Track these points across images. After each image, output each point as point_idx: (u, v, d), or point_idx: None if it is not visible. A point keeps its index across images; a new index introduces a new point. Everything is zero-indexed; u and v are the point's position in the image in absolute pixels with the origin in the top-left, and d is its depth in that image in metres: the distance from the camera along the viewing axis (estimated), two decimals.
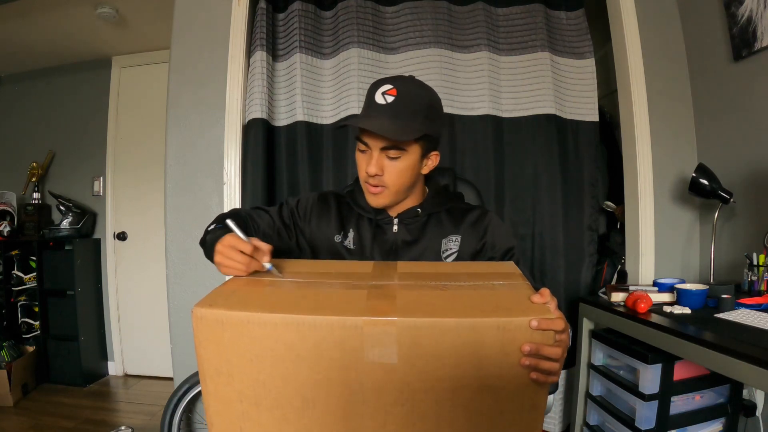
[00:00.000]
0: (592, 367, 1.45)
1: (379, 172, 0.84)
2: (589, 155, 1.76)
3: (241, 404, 0.58)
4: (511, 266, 0.79)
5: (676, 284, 1.33)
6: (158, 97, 2.20)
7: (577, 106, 1.76)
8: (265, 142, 1.62)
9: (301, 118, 1.65)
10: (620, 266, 1.77)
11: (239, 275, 0.71)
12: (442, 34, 1.70)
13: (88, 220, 2.75)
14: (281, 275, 0.72)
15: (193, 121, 1.65)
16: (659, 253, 1.65)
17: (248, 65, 1.67)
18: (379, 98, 0.82)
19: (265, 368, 0.56)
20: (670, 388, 1.19)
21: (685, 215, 1.67)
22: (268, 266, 0.72)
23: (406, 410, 0.56)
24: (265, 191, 1.61)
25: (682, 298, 1.26)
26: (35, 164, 2.82)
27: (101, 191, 2.84)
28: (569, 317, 1.66)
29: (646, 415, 1.19)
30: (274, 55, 1.70)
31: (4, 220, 2.69)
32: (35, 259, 2.62)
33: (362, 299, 0.60)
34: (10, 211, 2.72)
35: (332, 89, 1.71)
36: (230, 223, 0.72)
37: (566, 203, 1.72)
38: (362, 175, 0.88)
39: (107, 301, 2.83)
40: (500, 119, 1.71)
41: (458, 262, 0.91)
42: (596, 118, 1.76)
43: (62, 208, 2.66)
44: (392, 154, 0.84)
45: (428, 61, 1.68)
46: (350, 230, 0.94)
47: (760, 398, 1.34)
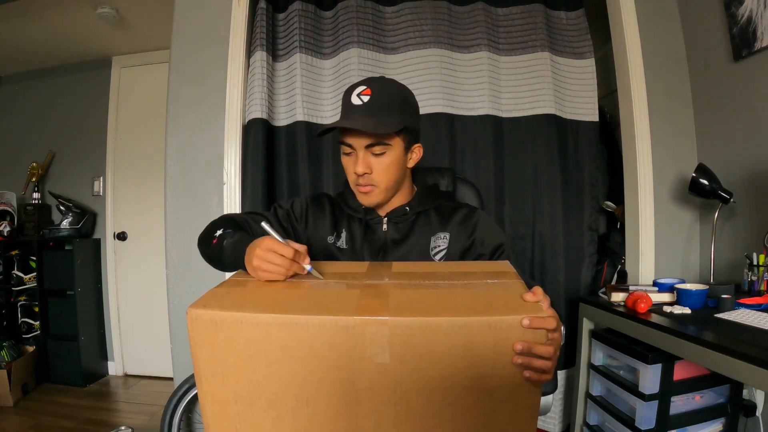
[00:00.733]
0: (592, 367, 1.45)
1: (367, 170, 0.86)
2: (589, 155, 1.76)
3: (236, 404, 0.58)
4: (504, 265, 0.79)
5: (676, 284, 1.33)
6: (158, 97, 2.20)
7: (577, 106, 1.76)
8: (265, 142, 1.62)
9: (301, 118, 1.65)
10: (620, 266, 1.77)
11: (278, 279, 0.70)
12: (442, 34, 1.70)
13: (88, 220, 2.75)
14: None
15: (193, 120, 1.65)
16: (659, 253, 1.65)
17: (248, 65, 1.67)
18: (355, 100, 0.85)
19: (259, 368, 0.56)
20: (670, 388, 1.19)
21: (685, 215, 1.67)
22: (308, 268, 0.71)
23: (399, 409, 0.56)
24: (265, 191, 1.61)
25: (682, 298, 1.26)
26: (35, 164, 2.82)
27: (101, 191, 2.84)
28: (569, 317, 1.67)
29: (646, 415, 1.19)
30: (274, 55, 1.70)
31: (4, 220, 2.69)
32: (35, 259, 2.62)
33: (355, 299, 0.60)
34: (10, 211, 2.72)
35: (332, 89, 1.71)
36: (267, 227, 0.73)
37: (566, 203, 1.72)
38: (351, 177, 0.90)
39: (107, 301, 2.83)
40: (500, 119, 1.71)
41: (452, 261, 0.91)
42: (596, 118, 1.76)
43: (62, 208, 2.66)
44: (377, 150, 0.85)
45: (428, 61, 1.68)
46: (342, 231, 0.96)
47: (760, 398, 1.34)
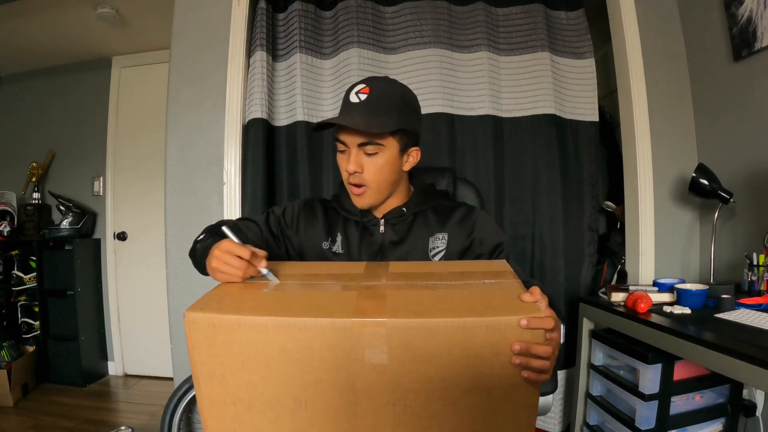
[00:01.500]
0: (592, 367, 1.45)
1: (358, 169, 0.85)
2: (589, 155, 1.76)
3: (234, 407, 0.58)
4: (502, 264, 0.78)
5: (676, 284, 1.32)
6: (158, 97, 2.20)
7: (577, 106, 1.75)
8: (265, 142, 1.62)
9: (301, 118, 1.65)
10: (620, 266, 1.77)
11: (235, 281, 0.71)
12: (442, 34, 1.70)
13: (88, 220, 2.75)
14: (278, 279, 0.72)
15: (193, 120, 1.65)
16: (659, 253, 1.65)
17: (248, 65, 1.67)
18: (353, 98, 0.85)
19: (257, 370, 0.56)
20: (670, 388, 1.19)
21: (685, 215, 1.67)
22: (264, 271, 0.71)
23: (398, 410, 0.56)
24: (265, 191, 1.61)
25: (682, 298, 1.26)
26: (35, 164, 2.82)
27: (101, 191, 2.84)
28: (569, 317, 1.67)
29: (646, 415, 1.19)
30: (274, 55, 1.70)
31: (4, 220, 2.69)
32: (35, 259, 2.62)
33: (353, 300, 0.60)
34: (10, 211, 2.72)
35: (332, 89, 1.71)
36: (226, 230, 0.74)
37: (566, 203, 1.72)
38: (344, 175, 0.89)
39: (107, 301, 2.83)
40: (500, 119, 1.71)
41: (449, 261, 0.91)
42: (596, 118, 1.76)
43: (62, 208, 2.66)
44: (369, 149, 0.84)
45: (428, 61, 1.68)
46: (338, 235, 0.95)
47: (760, 398, 1.34)
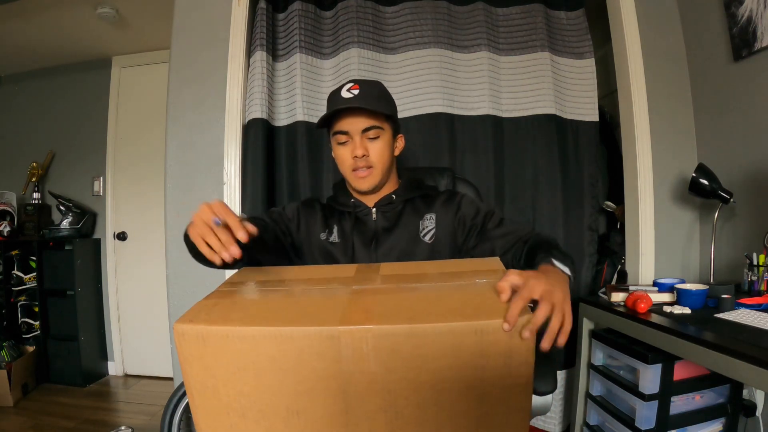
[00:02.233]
0: (592, 367, 1.45)
1: (365, 152, 0.94)
2: (589, 155, 1.76)
3: (228, 417, 0.58)
4: (495, 262, 0.77)
5: (676, 284, 1.32)
6: (158, 97, 2.20)
7: (577, 106, 1.75)
8: (265, 142, 1.62)
9: (301, 118, 1.65)
10: (620, 266, 1.77)
11: (204, 240, 0.68)
12: (442, 34, 1.70)
13: (88, 220, 2.75)
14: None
15: (193, 121, 1.65)
16: (659, 253, 1.65)
17: (248, 65, 1.67)
18: (345, 94, 0.94)
19: (249, 381, 0.56)
20: (670, 388, 1.19)
21: (685, 215, 1.67)
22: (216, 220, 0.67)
23: (389, 417, 0.56)
24: (265, 191, 1.61)
25: (682, 298, 1.26)
26: (35, 164, 2.82)
27: (101, 191, 2.84)
28: None
29: (646, 415, 1.19)
30: (274, 55, 1.70)
31: (4, 220, 2.69)
32: (35, 259, 2.62)
33: (341, 307, 0.59)
34: (10, 211, 2.72)
35: (332, 89, 1.69)
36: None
37: (566, 203, 1.72)
38: (348, 163, 0.97)
39: (107, 301, 2.83)
40: (500, 119, 1.71)
41: (442, 261, 0.92)
42: (596, 118, 1.76)
43: (62, 208, 2.66)
44: (372, 134, 0.95)
45: (428, 61, 1.68)
46: (334, 226, 1.02)
47: (760, 398, 1.34)
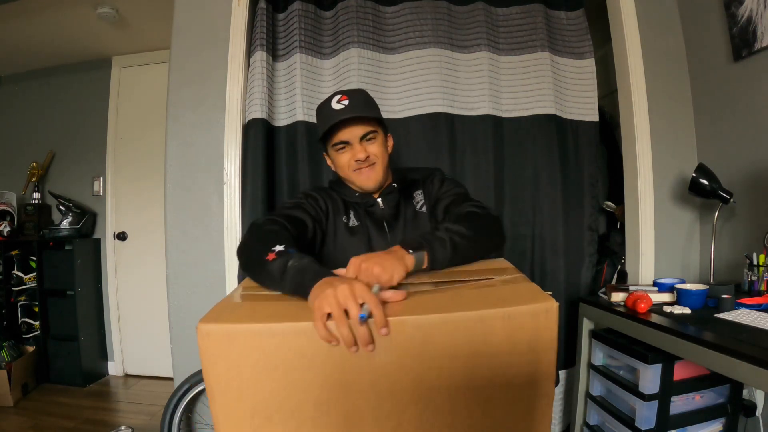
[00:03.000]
0: (592, 367, 1.45)
1: (367, 154, 1.01)
2: (589, 155, 1.76)
3: (252, 419, 0.57)
4: (502, 261, 0.81)
5: (676, 284, 1.33)
6: (158, 97, 2.20)
7: (577, 106, 1.75)
8: (265, 142, 1.62)
9: (301, 118, 1.65)
10: (620, 266, 1.77)
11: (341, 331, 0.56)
12: (442, 34, 1.70)
13: (88, 220, 2.75)
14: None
15: (193, 121, 1.65)
16: (659, 253, 1.65)
17: (248, 65, 1.67)
18: (335, 105, 0.99)
19: (277, 378, 0.56)
20: (670, 388, 1.19)
21: (685, 215, 1.67)
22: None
23: (421, 408, 0.56)
24: (265, 191, 1.61)
25: (682, 298, 1.26)
26: (35, 164, 2.83)
27: (101, 191, 2.84)
28: (569, 317, 1.68)
29: (646, 415, 1.19)
30: (274, 55, 1.70)
31: (4, 220, 2.69)
32: (35, 259, 2.62)
33: None
34: (10, 211, 2.72)
35: (332, 89, 1.70)
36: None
37: (566, 203, 1.72)
38: (351, 166, 1.03)
39: (107, 301, 2.83)
40: (500, 119, 1.71)
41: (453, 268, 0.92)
42: (596, 118, 1.76)
43: (62, 208, 2.67)
44: (369, 138, 1.02)
45: (428, 61, 1.68)
46: (350, 212, 1.08)
47: (760, 398, 1.34)
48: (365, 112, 0.99)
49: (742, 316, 1.11)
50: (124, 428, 1.86)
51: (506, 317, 0.55)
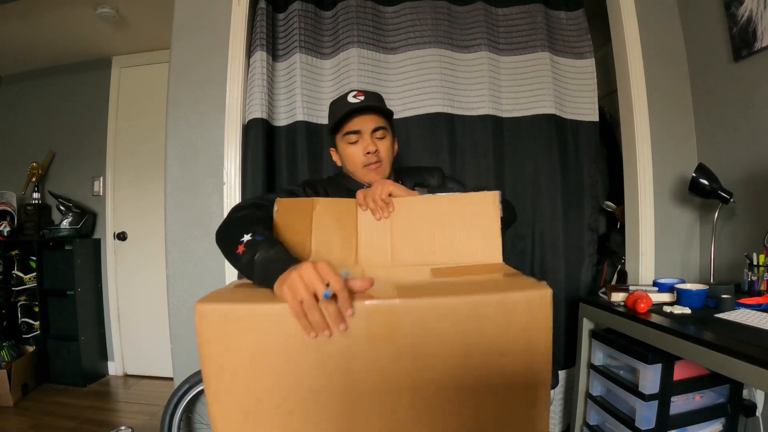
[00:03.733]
0: (592, 367, 1.45)
1: (377, 148, 1.04)
2: (589, 155, 1.76)
3: (245, 401, 0.58)
4: (502, 265, 0.81)
5: (676, 284, 1.32)
6: (158, 97, 2.20)
7: (577, 106, 1.76)
8: (265, 142, 1.62)
9: (301, 118, 1.65)
10: (620, 266, 1.77)
11: (305, 316, 0.56)
12: (442, 34, 1.70)
13: (88, 220, 2.75)
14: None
15: (193, 121, 1.65)
16: (659, 253, 1.65)
17: (248, 65, 1.67)
18: (352, 99, 1.03)
19: (271, 360, 0.56)
20: (670, 388, 1.19)
21: (685, 215, 1.67)
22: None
23: (414, 393, 0.56)
24: (265, 191, 1.61)
25: (682, 298, 1.26)
26: (35, 164, 2.83)
27: (101, 191, 2.84)
28: (569, 317, 1.67)
29: (646, 415, 1.19)
30: (274, 55, 1.70)
31: (4, 220, 2.69)
32: (35, 259, 2.62)
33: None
34: (10, 211, 2.72)
35: (332, 89, 1.70)
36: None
37: (566, 203, 1.72)
38: (360, 161, 1.05)
39: (107, 301, 2.83)
40: (500, 119, 1.71)
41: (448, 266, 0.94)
42: (596, 118, 1.76)
43: (62, 208, 2.67)
44: (379, 134, 1.05)
45: (428, 61, 1.68)
46: None
47: (760, 398, 1.34)
48: (380, 105, 1.06)
49: (742, 316, 1.11)
50: (124, 428, 1.86)
51: (500, 303, 0.56)
